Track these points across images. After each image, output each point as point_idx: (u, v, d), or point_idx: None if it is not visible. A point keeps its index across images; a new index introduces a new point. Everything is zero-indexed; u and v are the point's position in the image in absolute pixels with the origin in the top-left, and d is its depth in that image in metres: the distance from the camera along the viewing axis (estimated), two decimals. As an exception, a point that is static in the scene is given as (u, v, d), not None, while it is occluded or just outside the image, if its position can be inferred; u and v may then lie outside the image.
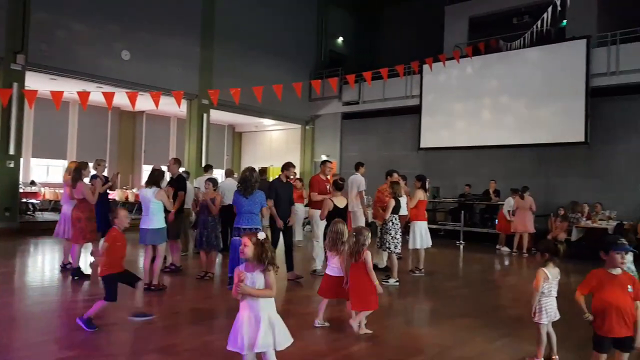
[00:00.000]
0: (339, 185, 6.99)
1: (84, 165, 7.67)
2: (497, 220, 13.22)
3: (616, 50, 13.38)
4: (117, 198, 16.82)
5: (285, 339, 3.43)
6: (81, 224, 7.36)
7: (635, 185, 13.02)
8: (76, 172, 7.45)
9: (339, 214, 6.80)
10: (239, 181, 6.42)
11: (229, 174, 11.53)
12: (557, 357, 4.40)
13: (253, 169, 6.48)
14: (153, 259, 6.87)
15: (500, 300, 7.41)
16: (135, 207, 17.34)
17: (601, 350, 3.46)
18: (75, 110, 19.18)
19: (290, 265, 7.87)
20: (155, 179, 6.70)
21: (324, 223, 7.20)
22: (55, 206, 16.89)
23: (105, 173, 9.18)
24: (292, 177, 8.04)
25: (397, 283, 7.75)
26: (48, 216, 15.29)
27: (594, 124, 13.65)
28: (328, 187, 8.28)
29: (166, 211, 6.83)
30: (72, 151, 19.27)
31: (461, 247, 13.08)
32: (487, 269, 10.39)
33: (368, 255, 5.09)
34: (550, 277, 4.31)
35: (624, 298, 3.36)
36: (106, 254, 5.01)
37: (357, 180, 9.30)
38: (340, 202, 6.83)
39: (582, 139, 13.66)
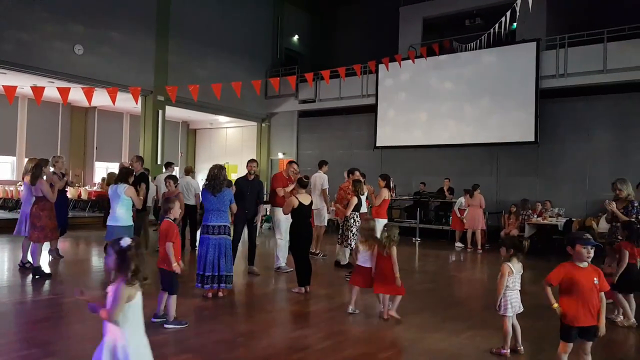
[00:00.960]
0: (304, 183, 7.04)
1: (45, 162, 7.47)
2: (451, 218, 13.62)
3: (564, 53, 13.98)
4: (69, 196, 16.30)
5: None
6: (42, 223, 7.19)
7: (583, 180, 13.70)
8: (36, 169, 7.24)
9: (303, 212, 6.85)
10: (207, 179, 6.40)
11: (187, 171, 11.39)
12: (522, 347, 4.62)
13: (221, 167, 6.48)
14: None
15: (461, 294, 7.66)
16: (89, 204, 16.90)
17: (569, 340, 3.68)
18: (25, 106, 18.43)
19: (251, 260, 8.10)
20: (124, 176, 6.72)
21: (288, 221, 7.25)
22: (4, 204, 16.25)
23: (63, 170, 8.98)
24: (252, 173, 8.07)
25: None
26: (-1, 214, 14.76)
27: (543, 124, 14.25)
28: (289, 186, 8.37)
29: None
30: (21, 147, 18.51)
31: (417, 243, 13.36)
32: (445, 265, 10.70)
33: (394, 251, 5.65)
34: (514, 272, 4.54)
35: (590, 290, 3.59)
36: (175, 247, 5.05)
37: (321, 178, 9.39)
38: (304, 199, 6.87)
39: (532, 138, 14.23)
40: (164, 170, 12.30)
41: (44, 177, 7.40)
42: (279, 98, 19.89)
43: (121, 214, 6.58)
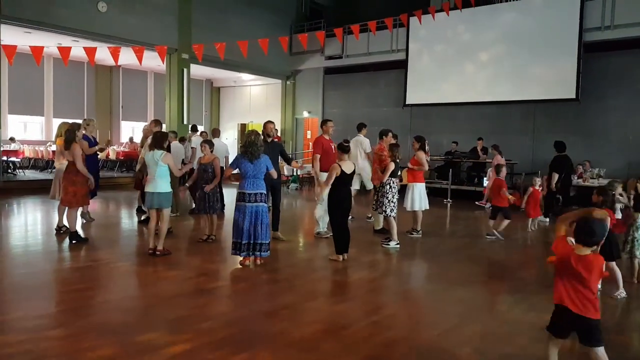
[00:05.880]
0: (346, 149, 6.70)
1: (77, 127, 7.40)
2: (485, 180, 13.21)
3: (612, 3, 13.16)
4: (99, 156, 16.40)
5: None
6: (75, 188, 7.13)
7: (626, 139, 13.13)
8: (70, 134, 7.15)
9: (344, 180, 6.58)
10: (243, 145, 6.18)
11: (216, 134, 11.13)
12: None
13: (258, 133, 6.25)
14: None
15: (505, 262, 7.29)
16: (117, 164, 16.95)
17: None
18: (50, 65, 18.33)
19: (275, 226, 7.70)
20: (159, 142, 6.56)
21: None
22: (35, 164, 16.44)
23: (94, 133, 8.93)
24: (271, 134, 7.72)
25: (398, 246, 7.70)
26: (30, 174, 14.90)
27: (584, 80, 13.58)
28: (333, 146, 8.05)
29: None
30: (49, 108, 18.55)
31: (449, 205, 13.07)
32: (482, 229, 10.41)
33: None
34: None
35: None
36: None
37: (363, 143, 9.18)
38: (347, 167, 6.57)
39: (573, 95, 13.62)
40: (189, 132, 12.11)
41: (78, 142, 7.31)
42: (304, 54, 19.38)
43: (160, 180, 6.51)
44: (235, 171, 6.34)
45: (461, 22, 15.63)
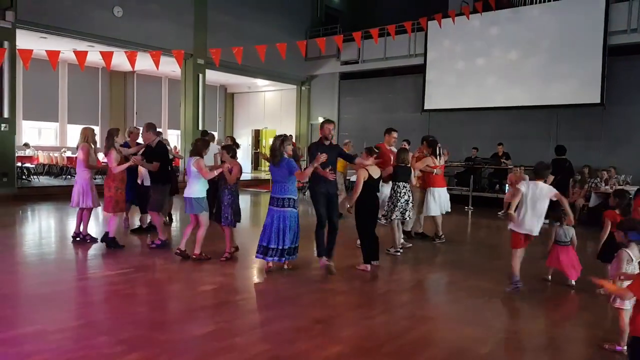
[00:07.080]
0: (374, 153, 6.47)
1: (116, 132, 7.19)
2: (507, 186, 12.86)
3: (638, 5, 12.81)
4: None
5: None
6: (110, 193, 6.99)
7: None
8: (109, 139, 7.02)
9: (371, 185, 6.33)
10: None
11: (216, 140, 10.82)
12: None
13: (284, 139, 6.02)
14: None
15: (544, 273, 6.87)
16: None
17: None
18: (65, 71, 18.24)
19: (327, 250, 6.37)
20: (199, 150, 6.61)
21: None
22: (49, 170, 16.31)
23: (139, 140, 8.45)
24: (329, 137, 6.35)
25: (398, 253, 7.33)
26: (44, 181, 14.79)
27: (609, 84, 13.24)
28: (392, 158, 7.53)
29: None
30: (63, 113, 18.43)
31: (470, 212, 12.73)
32: (507, 237, 10.07)
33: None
34: (633, 259, 3.95)
35: None
36: None
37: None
38: (375, 172, 6.35)
39: (597, 100, 13.27)
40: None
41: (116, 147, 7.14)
42: (320, 59, 19.16)
43: (194, 186, 6.55)
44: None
45: (481, 25, 15.33)
